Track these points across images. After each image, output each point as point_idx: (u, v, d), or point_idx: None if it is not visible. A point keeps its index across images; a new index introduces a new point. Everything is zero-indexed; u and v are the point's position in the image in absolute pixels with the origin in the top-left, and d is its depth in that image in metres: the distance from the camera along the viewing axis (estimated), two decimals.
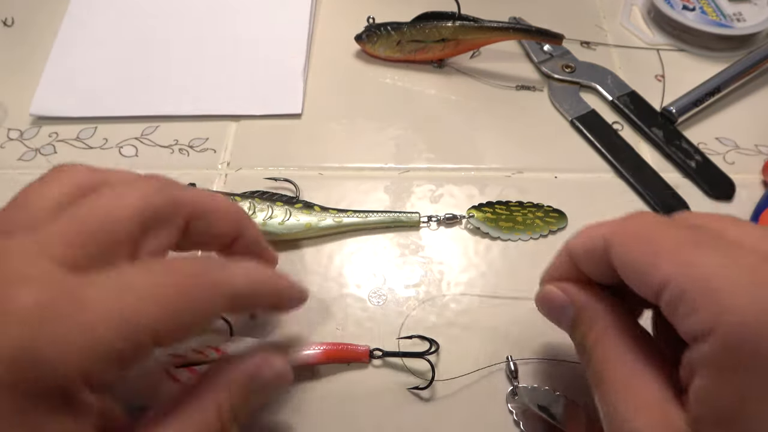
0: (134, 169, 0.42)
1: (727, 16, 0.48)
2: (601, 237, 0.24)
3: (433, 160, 0.42)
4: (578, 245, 0.25)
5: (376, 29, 0.46)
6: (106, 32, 0.49)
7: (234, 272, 0.22)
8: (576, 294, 0.26)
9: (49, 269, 0.19)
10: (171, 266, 0.21)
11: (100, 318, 0.18)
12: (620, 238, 0.23)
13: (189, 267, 0.21)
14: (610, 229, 0.24)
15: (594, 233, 0.24)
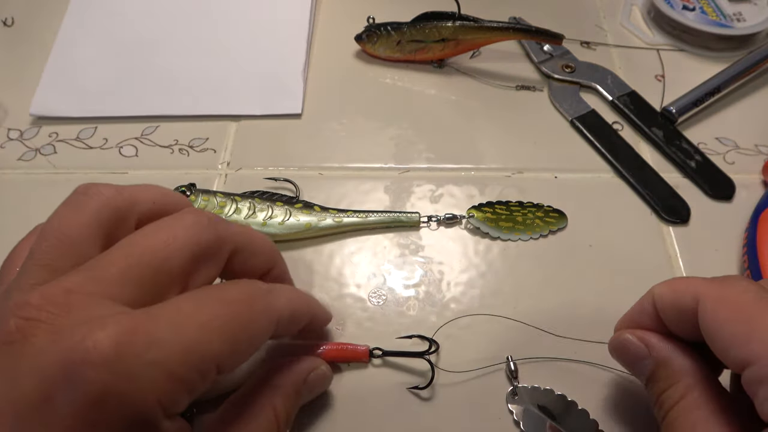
0: (134, 169, 0.42)
1: (727, 16, 0.48)
2: (692, 295, 0.23)
3: (433, 160, 0.42)
4: (666, 298, 0.24)
5: (376, 29, 0.46)
6: (106, 32, 0.49)
7: (278, 297, 0.24)
8: (657, 346, 0.25)
9: (116, 310, 0.19)
10: (223, 296, 0.22)
11: (169, 353, 0.19)
12: (713, 303, 0.22)
13: (239, 294, 0.22)
14: (704, 289, 0.23)
15: (685, 289, 0.24)
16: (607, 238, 0.38)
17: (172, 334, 0.19)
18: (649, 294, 0.26)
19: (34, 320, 0.18)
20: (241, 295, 0.22)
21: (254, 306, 0.22)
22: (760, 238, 0.35)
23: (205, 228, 0.23)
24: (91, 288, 0.20)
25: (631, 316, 0.27)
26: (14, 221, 0.39)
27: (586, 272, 0.36)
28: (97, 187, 0.24)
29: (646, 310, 0.26)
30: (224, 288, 0.23)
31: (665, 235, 0.38)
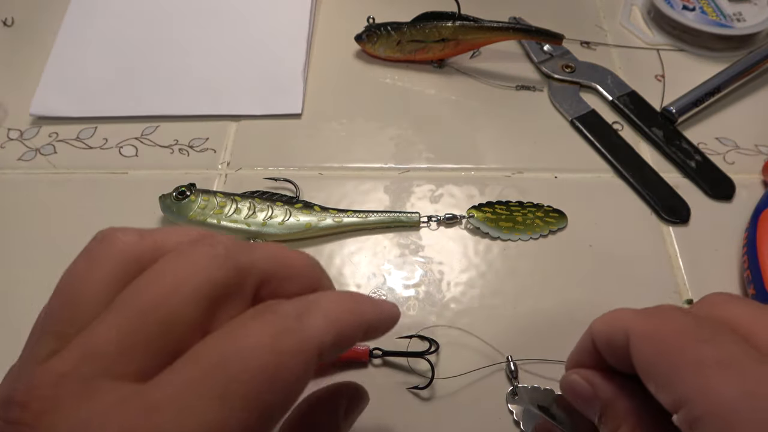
0: (134, 170, 0.42)
1: (727, 16, 0.48)
2: (622, 330, 0.21)
3: (433, 160, 0.42)
4: (602, 334, 0.23)
5: (376, 29, 0.46)
6: (106, 32, 0.49)
7: (313, 322, 0.18)
8: (602, 387, 0.23)
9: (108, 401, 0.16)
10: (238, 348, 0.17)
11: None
12: (640, 339, 0.21)
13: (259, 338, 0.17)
14: (632, 324, 0.21)
15: (616, 323, 0.22)
16: (607, 238, 0.38)
17: (180, 423, 0.15)
18: (588, 331, 0.24)
19: (16, 424, 0.16)
20: (260, 339, 0.17)
21: (281, 348, 0.17)
22: (760, 238, 0.35)
23: (221, 262, 0.18)
24: (86, 369, 0.16)
25: (576, 353, 0.25)
26: (14, 221, 0.39)
27: (586, 272, 0.36)
28: (115, 233, 0.20)
29: (586, 347, 0.24)
30: (238, 332, 0.17)
31: (665, 235, 0.38)
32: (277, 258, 0.21)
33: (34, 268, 0.37)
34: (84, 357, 0.16)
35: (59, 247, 0.38)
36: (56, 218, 0.39)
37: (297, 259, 0.21)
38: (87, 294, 0.18)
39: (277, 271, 0.20)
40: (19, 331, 0.35)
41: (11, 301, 0.36)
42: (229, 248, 0.19)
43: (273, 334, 0.17)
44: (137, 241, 0.19)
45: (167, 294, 0.17)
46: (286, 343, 0.17)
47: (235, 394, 0.16)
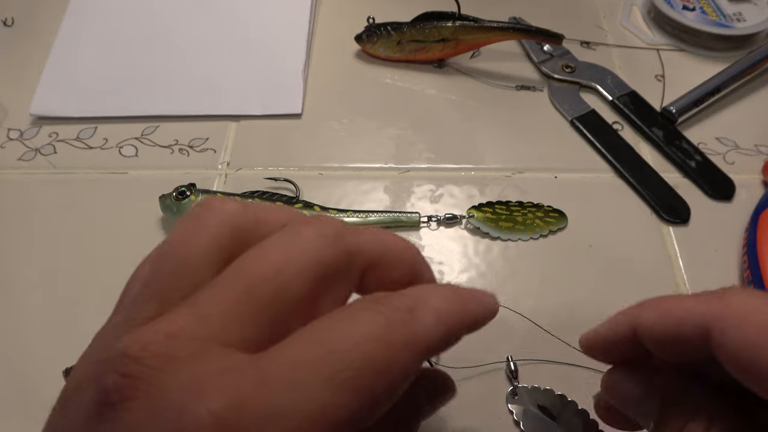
0: (134, 170, 0.42)
1: (727, 16, 0.48)
2: (696, 319, 0.19)
3: (433, 160, 0.42)
4: (658, 328, 0.20)
5: (376, 29, 0.46)
6: (106, 32, 0.49)
7: (424, 318, 0.18)
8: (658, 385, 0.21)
9: (223, 363, 0.16)
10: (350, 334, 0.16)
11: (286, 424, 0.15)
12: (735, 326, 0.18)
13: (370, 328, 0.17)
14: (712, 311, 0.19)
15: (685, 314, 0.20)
16: (607, 238, 0.38)
17: (291, 399, 0.15)
18: (623, 320, 0.22)
19: (133, 378, 0.15)
20: (373, 329, 0.17)
21: (392, 340, 0.17)
22: (760, 238, 0.35)
23: (330, 243, 0.19)
24: (196, 330, 0.16)
25: (604, 345, 0.23)
26: (14, 221, 0.39)
27: (586, 272, 0.36)
28: (219, 202, 0.20)
29: (620, 338, 0.22)
30: (350, 320, 0.17)
31: (665, 235, 0.38)
32: (384, 243, 0.21)
33: (34, 268, 0.37)
34: (193, 319, 0.16)
35: (59, 247, 0.38)
36: (56, 218, 0.39)
37: (402, 246, 0.21)
38: (192, 259, 0.18)
39: (384, 255, 0.20)
40: (20, 331, 0.35)
41: (11, 301, 0.36)
42: (337, 229, 0.19)
43: (385, 326, 0.17)
44: (241, 211, 0.20)
45: (277, 269, 0.17)
46: (397, 336, 0.17)
47: (345, 380, 0.15)
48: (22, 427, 0.31)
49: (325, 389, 0.15)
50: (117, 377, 0.15)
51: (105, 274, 0.36)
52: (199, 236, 0.19)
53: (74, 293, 0.36)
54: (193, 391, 0.15)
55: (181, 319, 0.16)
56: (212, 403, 0.15)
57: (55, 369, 0.31)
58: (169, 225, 0.38)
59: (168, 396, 0.15)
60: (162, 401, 0.15)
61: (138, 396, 0.15)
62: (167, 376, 0.15)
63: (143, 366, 0.16)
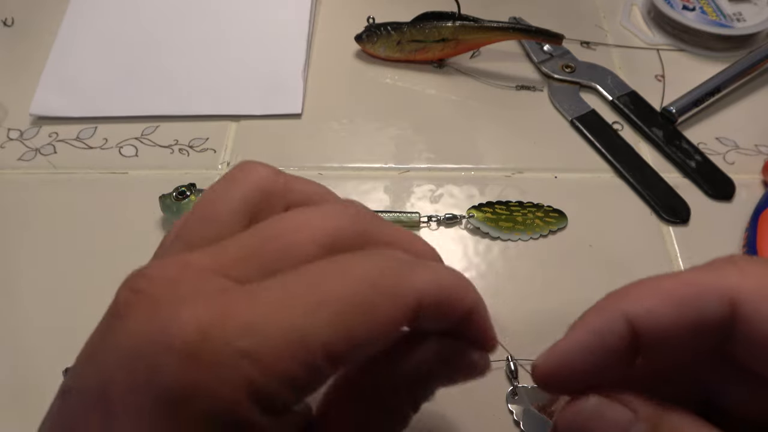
0: (134, 169, 0.42)
1: (727, 16, 0.48)
2: (720, 299, 0.16)
3: (433, 160, 0.42)
4: (666, 315, 0.16)
5: (376, 29, 0.46)
6: (106, 32, 0.49)
7: (420, 275, 0.18)
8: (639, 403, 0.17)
9: (218, 286, 0.17)
10: (345, 271, 0.17)
11: (263, 341, 0.16)
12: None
13: (364, 270, 0.17)
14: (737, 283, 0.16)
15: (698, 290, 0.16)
16: (607, 238, 0.38)
17: (270, 317, 0.16)
18: (607, 321, 0.17)
19: (141, 293, 0.17)
20: (365, 271, 0.17)
21: (381, 285, 0.17)
22: (760, 238, 0.35)
23: (348, 220, 0.20)
24: (207, 263, 0.18)
25: (577, 365, 0.18)
26: (14, 221, 0.39)
27: (586, 272, 0.36)
28: (255, 165, 0.22)
29: (609, 342, 0.17)
30: (351, 260, 0.18)
31: (665, 235, 0.38)
32: (400, 237, 0.21)
33: (34, 267, 0.37)
34: (210, 255, 0.18)
35: (59, 247, 0.38)
36: (56, 218, 0.39)
37: (418, 243, 0.22)
38: (221, 213, 0.20)
39: (399, 246, 0.21)
40: (21, 330, 0.35)
41: (12, 301, 0.36)
42: (361, 212, 0.20)
43: (377, 271, 0.17)
44: (273, 177, 0.22)
45: (295, 228, 0.19)
46: (387, 281, 0.17)
47: (326, 311, 0.16)
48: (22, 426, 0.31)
49: (307, 315, 0.16)
50: (128, 292, 0.17)
51: (105, 274, 0.36)
52: (231, 194, 0.21)
53: (74, 293, 0.36)
54: (186, 301, 0.16)
55: (199, 253, 0.18)
56: (199, 310, 0.16)
57: (55, 369, 0.31)
58: (169, 225, 0.38)
59: (165, 307, 0.17)
60: (159, 311, 0.16)
61: (141, 308, 0.17)
62: (170, 292, 0.17)
63: (152, 284, 0.17)
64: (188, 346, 0.16)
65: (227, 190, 0.21)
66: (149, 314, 0.17)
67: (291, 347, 0.16)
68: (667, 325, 0.16)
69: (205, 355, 0.16)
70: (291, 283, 0.17)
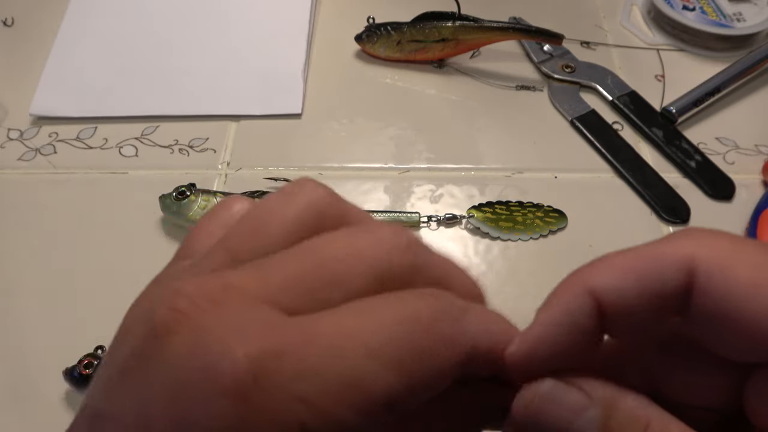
0: (134, 170, 0.42)
1: (727, 16, 0.48)
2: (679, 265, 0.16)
3: (433, 160, 0.42)
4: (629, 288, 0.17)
5: (376, 29, 0.46)
6: (106, 32, 0.49)
7: (474, 322, 0.17)
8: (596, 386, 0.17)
9: (269, 317, 0.16)
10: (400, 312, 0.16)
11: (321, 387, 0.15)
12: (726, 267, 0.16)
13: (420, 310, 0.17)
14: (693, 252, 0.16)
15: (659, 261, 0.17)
16: (607, 238, 0.38)
17: (331, 361, 0.15)
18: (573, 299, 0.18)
19: (181, 313, 0.16)
20: (423, 312, 0.16)
21: (437, 330, 0.16)
22: (760, 238, 0.35)
23: (402, 250, 0.18)
24: (253, 287, 0.17)
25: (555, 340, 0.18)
26: (14, 221, 0.39)
27: None
28: (313, 184, 0.21)
29: (580, 321, 0.18)
30: (399, 302, 0.17)
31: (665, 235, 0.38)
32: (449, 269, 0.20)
33: (34, 267, 0.37)
34: (255, 277, 0.17)
35: (59, 247, 0.38)
36: (56, 218, 0.39)
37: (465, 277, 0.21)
38: (273, 227, 0.19)
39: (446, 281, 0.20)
40: (21, 330, 0.35)
41: (12, 301, 0.36)
42: (413, 241, 0.19)
43: (432, 313, 0.16)
44: (331, 199, 0.20)
45: (346, 255, 0.18)
46: (443, 327, 0.16)
47: (387, 355, 0.15)
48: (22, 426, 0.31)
49: (367, 359, 0.15)
50: (166, 311, 0.16)
51: (105, 274, 0.36)
52: (286, 209, 0.19)
53: (74, 293, 0.36)
54: (236, 334, 0.15)
55: (244, 275, 0.17)
56: (252, 348, 0.15)
57: (55, 369, 0.31)
58: (169, 225, 0.38)
59: (211, 335, 0.15)
60: (204, 339, 0.15)
61: (182, 331, 0.16)
62: (214, 317, 0.16)
63: (193, 304, 0.16)
64: (240, 386, 0.15)
65: (283, 205, 0.20)
66: (194, 343, 0.15)
67: (350, 392, 0.15)
68: (629, 298, 0.17)
69: (258, 397, 0.15)
70: (346, 320, 0.16)
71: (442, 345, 0.16)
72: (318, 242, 0.18)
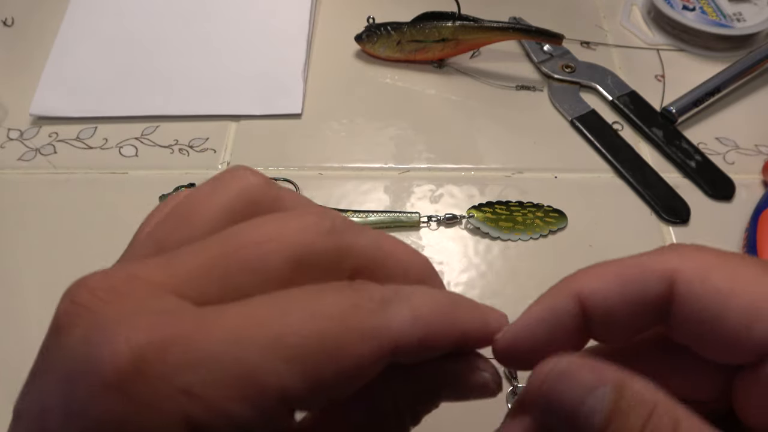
0: (134, 170, 0.42)
1: (727, 16, 0.48)
2: (660, 275, 0.17)
3: (433, 160, 0.42)
4: (612, 294, 0.18)
5: (376, 29, 0.46)
6: (105, 32, 0.49)
7: (398, 313, 0.17)
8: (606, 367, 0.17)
9: (165, 307, 0.15)
10: (314, 306, 0.16)
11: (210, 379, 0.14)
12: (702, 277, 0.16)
13: (337, 305, 0.16)
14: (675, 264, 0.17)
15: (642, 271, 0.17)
16: (607, 238, 0.38)
17: (222, 353, 0.14)
18: (561, 300, 0.19)
19: (81, 306, 0.16)
20: (334, 309, 0.16)
21: (350, 324, 0.16)
22: (760, 238, 0.35)
23: (323, 233, 0.18)
24: (159, 277, 0.16)
25: (536, 332, 0.19)
26: (14, 221, 0.39)
27: None
28: (245, 172, 0.20)
29: (561, 318, 0.18)
30: (314, 295, 0.16)
31: (665, 235, 0.38)
32: (383, 248, 0.19)
33: (34, 267, 0.37)
34: (164, 266, 0.16)
35: (59, 247, 0.38)
36: (56, 218, 0.39)
37: (405, 254, 0.20)
38: (199, 216, 0.18)
39: (380, 261, 0.19)
40: (21, 330, 0.35)
41: (12, 301, 0.36)
42: (338, 224, 0.18)
43: (347, 308, 0.16)
44: (263, 187, 0.20)
45: (263, 239, 0.17)
46: (358, 320, 0.16)
47: (287, 349, 0.15)
48: None
49: (266, 352, 0.14)
50: (68, 304, 0.16)
51: None
52: (215, 198, 0.19)
53: None
54: (124, 325, 0.15)
55: (151, 265, 0.16)
56: (135, 337, 0.14)
57: None
58: None
59: (102, 326, 0.15)
60: (96, 330, 0.15)
61: (79, 323, 0.15)
62: (111, 309, 0.15)
63: (93, 296, 0.16)
64: (120, 377, 0.14)
65: (212, 194, 0.19)
66: (86, 333, 0.15)
67: (241, 385, 0.14)
68: (612, 302, 0.18)
69: (139, 388, 0.14)
70: (255, 310, 0.15)
71: (358, 340, 0.16)
72: (238, 228, 0.17)
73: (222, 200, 0.19)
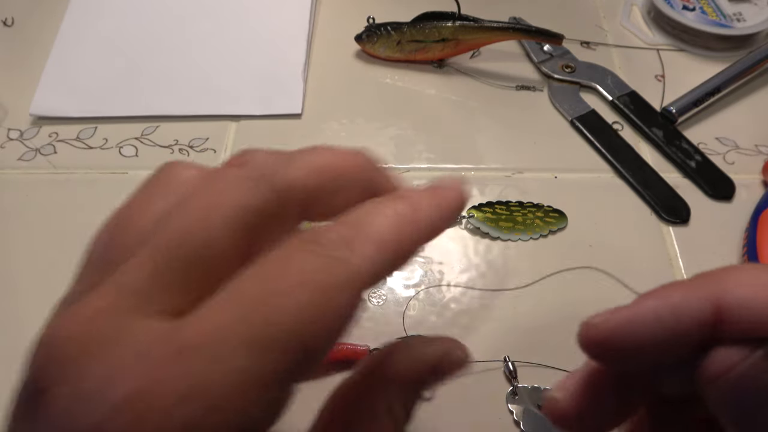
0: (134, 169, 0.42)
1: (727, 16, 0.48)
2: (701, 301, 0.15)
3: (433, 160, 0.42)
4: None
5: (376, 29, 0.46)
6: (106, 32, 0.49)
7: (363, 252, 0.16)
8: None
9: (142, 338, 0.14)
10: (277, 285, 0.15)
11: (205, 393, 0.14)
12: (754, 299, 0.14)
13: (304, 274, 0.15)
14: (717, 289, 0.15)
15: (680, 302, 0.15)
16: (607, 238, 0.38)
17: (211, 371, 0.14)
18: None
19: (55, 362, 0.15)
20: (308, 275, 0.15)
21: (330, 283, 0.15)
22: (760, 238, 0.35)
23: (254, 185, 0.16)
24: (121, 304, 0.15)
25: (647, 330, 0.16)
26: (14, 221, 0.39)
27: (585, 272, 0.36)
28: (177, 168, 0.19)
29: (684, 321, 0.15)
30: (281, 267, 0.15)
31: (665, 235, 0.38)
32: (322, 170, 0.18)
33: (34, 268, 0.37)
34: (117, 292, 0.15)
35: (59, 247, 0.38)
36: (56, 218, 0.39)
37: (346, 165, 0.18)
38: (135, 228, 0.17)
39: (324, 185, 0.18)
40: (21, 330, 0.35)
41: (12, 301, 0.36)
42: (263, 170, 0.17)
43: (318, 268, 0.15)
44: (197, 178, 0.18)
45: (198, 222, 0.16)
46: (332, 276, 0.15)
47: (270, 338, 0.14)
48: None
49: (248, 353, 0.14)
50: (42, 360, 0.15)
51: None
52: (149, 204, 0.18)
53: None
54: (109, 377, 0.14)
55: (108, 292, 0.15)
56: (125, 388, 0.14)
57: None
58: None
59: (88, 382, 0.14)
60: (83, 388, 0.14)
61: (62, 382, 0.14)
62: (88, 360, 0.14)
63: (64, 348, 0.15)
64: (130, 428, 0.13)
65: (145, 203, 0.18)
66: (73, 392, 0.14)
67: (240, 393, 0.14)
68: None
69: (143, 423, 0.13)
70: (222, 315, 0.14)
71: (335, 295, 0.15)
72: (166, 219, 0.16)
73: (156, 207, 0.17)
